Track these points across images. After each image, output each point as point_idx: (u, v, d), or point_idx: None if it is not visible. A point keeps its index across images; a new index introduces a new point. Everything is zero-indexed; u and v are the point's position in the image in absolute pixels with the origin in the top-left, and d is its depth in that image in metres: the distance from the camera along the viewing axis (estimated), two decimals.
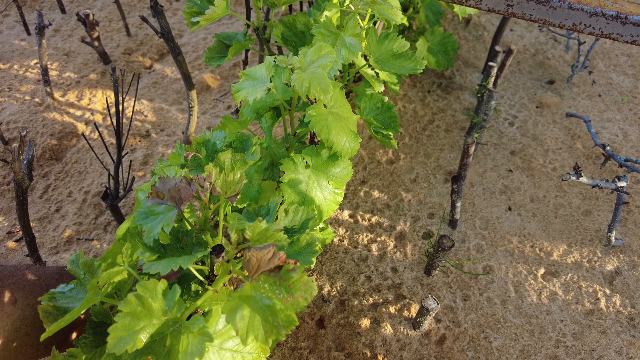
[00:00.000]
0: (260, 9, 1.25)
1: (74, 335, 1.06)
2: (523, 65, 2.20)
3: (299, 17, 1.31)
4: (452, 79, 2.10)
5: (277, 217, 0.96)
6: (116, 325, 0.70)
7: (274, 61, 1.04)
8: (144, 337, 0.71)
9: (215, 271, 0.83)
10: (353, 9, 1.17)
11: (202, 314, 0.87)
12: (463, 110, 1.96)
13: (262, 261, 0.74)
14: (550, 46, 2.28)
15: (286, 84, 1.11)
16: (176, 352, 0.73)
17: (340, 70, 1.42)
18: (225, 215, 0.83)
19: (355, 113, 1.25)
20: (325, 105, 1.09)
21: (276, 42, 1.27)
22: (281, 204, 1.05)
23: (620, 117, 1.95)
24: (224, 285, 0.85)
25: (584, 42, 2.09)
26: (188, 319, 0.77)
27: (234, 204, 0.98)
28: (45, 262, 1.46)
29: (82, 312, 0.97)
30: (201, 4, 1.27)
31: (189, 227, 0.87)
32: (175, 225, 0.85)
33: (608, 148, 1.65)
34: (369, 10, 1.16)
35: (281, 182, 1.08)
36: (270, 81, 1.04)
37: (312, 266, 1.26)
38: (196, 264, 1.06)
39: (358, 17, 1.31)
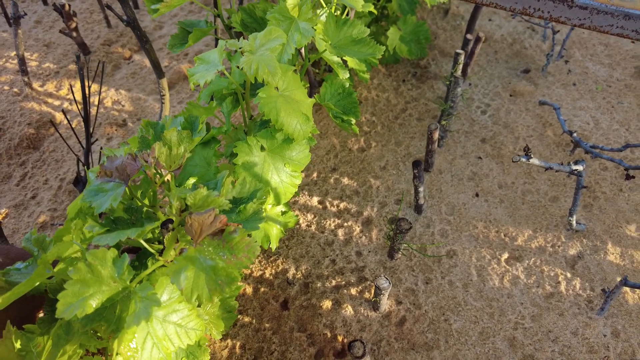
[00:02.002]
0: None
1: (41, 314, 1.09)
2: (500, 54, 2.21)
3: (259, 4, 1.33)
4: (427, 68, 2.11)
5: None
6: (65, 292, 0.73)
7: (226, 45, 1.06)
8: (93, 303, 0.74)
9: (165, 242, 0.85)
10: None
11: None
12: (436, 99, 1.98)
13: (204, 225, 0.78)
14: (528, 36, 2.29)
15: (238, 67, 1.13)
16: (125, 317, 0.76)
17: (300, 55, 1.44)
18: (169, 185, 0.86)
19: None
20: (277, 89, 1.11)
21: (235, 28, 1.29)
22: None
23: (593, 106, 1.96)
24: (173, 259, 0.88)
25: (558, 31, 2.10)
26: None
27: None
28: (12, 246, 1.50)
29: (40, 288, 1.00)
30: None
31: (139, 204, 0.90)
32: (125, 202, 0.88)
33: (575, 134, 1.66)
34: None
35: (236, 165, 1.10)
36: (230, 66, 1.06)
37: (274, 248, 1.29)
38: (152, 242, 1.09)
39: (323, 3, 1.33)
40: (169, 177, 0.87)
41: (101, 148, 1.68)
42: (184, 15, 2.42)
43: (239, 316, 1.37)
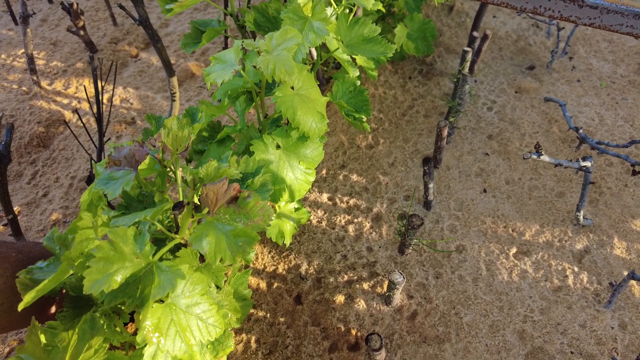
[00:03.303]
0: None
1: (53, 309, 1.11)
2: (505, 51, 2.23)
3: (272, 4, 1.34)
4: (433, 65, 2.13)
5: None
6: (91, 270, 0.75)
7: (242, 45, 1.08)
8: (118, 279, 0.76)
9: (179, 223, 0.88)
10: None
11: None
12: (442, 96, 2.00)
13: (219, 194, 0.81)
14: (532, 32, 2.30)
15: (254, 67, 1.15)
16: (149, 292, 0.78)
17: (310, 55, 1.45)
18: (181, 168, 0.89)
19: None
20: (293, 88, 1.12)
21: (248, 27, 1.30)
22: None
23: (598, 102, 1.99)
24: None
25: (563, 27, 2.12)
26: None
27: None
28: None
29: (59, 285, 1.02)
30: None
31: (150, 189, 0.92)
32: (137, 190, 0.91)
33: (581, 131, 1.68)
34: None
35: None
36: (242, 64, 1.08)
37: (288, 244, 1.31)
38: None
39: (334, 3, 1.34)
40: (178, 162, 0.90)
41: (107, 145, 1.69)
42: (189, 13, 2.43)
43: (253, 310, 1.39)
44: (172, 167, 0.88)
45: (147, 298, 0.78)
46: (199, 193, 0.84)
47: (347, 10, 1.43)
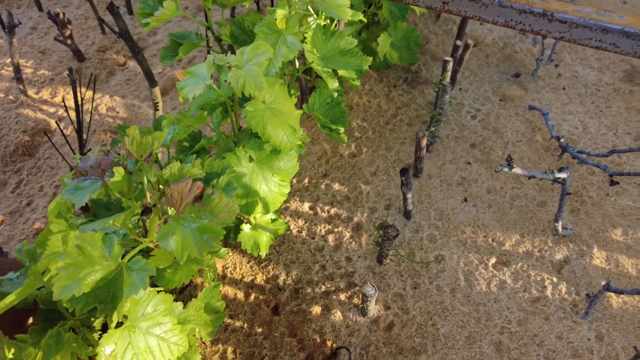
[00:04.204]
0: (209, 9, 1.29)
1: (30, 320, 1.12)
2: (491, 58, 2.23)
3: (248, 17, 1.35)
4: (418, 73, 2.13)
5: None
6: (59, 276, 0.76)
7: (214, 60, 1.09)
8: (89, 283, 0.77)
9: (147, 227, 0.89)
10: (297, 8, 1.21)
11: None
12: (426, 105, 2.00)
13: (184, 192, 0.83)
14: (519, 40, 2.31)
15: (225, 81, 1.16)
16: (120, 294, 0.79)
17: (289, 65, 1.46)
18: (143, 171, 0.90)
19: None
20: (265, 102, 1.13)
21: (224, 40, 1.31)
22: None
23: (582, 110, 1.99)
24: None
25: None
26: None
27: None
28: (7, 254, 1.52)
29: (30, 297, 1.03)
30: (153, 5, 1.31)
31: (117, 197, 0.94)
32: (104, 199, 0.92)
33: (562, 140, 1.69)
34: (310, 9, 1.20)
35: None
36: (219, 77, 1.09)
37: (263, 255, 1.32)
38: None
39: (314, 15, 1.35)
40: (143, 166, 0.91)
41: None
42: (177, 21, 2.44)
43: (229, 320, 1.40)
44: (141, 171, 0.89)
45: (119, 301, 0.79)
46: (165, 193, 0.85)
47: (329, 22, 1.44)
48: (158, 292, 0.91)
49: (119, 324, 0.85)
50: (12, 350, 0.97)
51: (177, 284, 1.09)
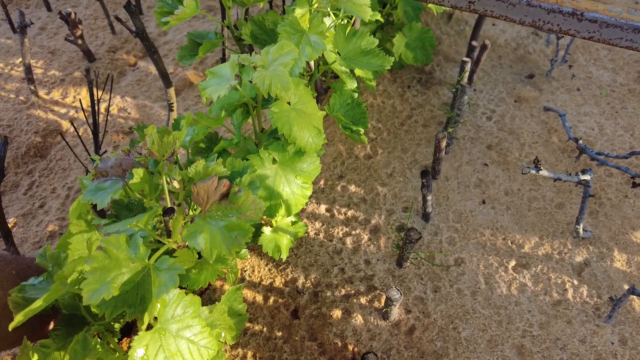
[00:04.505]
0: (229, 8, 1.28)
1: (51, 326, 1.10)
2: (504, 59, 2.22)
3: (269, 16, 1.33)
4: (432, 74, 2.12)
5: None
6: (88, 281, 0.74)
7: (238, 59, 1.07)
8: (117, 285, 0.75)
9: (170, 227, 0.87)
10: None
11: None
12: (441, 105, 1.99)
13: (209, 191, 0.82)
14: (532, 40, 2.30)
15: (250, 81, 1.14)
16: (149, 296, 0.77)
17: (308, 68, 1.45)
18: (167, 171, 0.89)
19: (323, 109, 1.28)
20: (289, 102, 1.12)
21: (244, 40, 1.29)
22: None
23: (598, 111, 1.97)
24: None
25: (562, 36, 2.11)
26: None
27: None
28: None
29: (51, 303, 1.01)
30: (172, 3, 1.29)
31: (139, 197, 0.92)
32: (125, 199, 0.90)
33: (580, 142, 1.67)
34: (331, 8, 1.18)
35: None
36: (240, 78, 1.07)
37: (284, 258, 1.30)
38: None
39: (332, 14, 1.34)
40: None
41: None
42: (187, 22, 2.42)
43: (249, 324, 1.38)
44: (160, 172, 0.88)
45: (148, 302, 0.77)
46: (189, 192, 0.84)
47: (345, 21, 1.42)
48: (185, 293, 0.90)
49: (149, 327, 0.83)
50: (36, 357, 0.95)
51: (203, 284, 1.07)
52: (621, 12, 1.05)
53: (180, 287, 1.13)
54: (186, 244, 0.89)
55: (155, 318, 0.85)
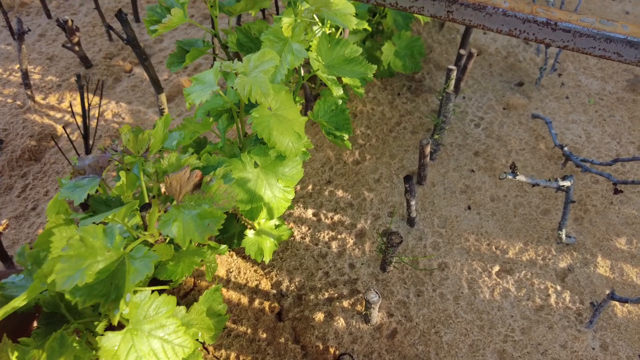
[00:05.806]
0: (216, 17, 1.31)
1: (35, 324, 1.12)
2: (494, 67, 2.24)
3: (255, 25, 1.37)
4: (422, 81, 2.15)
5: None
6: (62, 266, 0.76)
7: (221, 66, 1.10)
8: (92, 273, 0.77)
9: (147, 221, 0.89)
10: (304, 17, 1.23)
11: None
12: (430, 113, 2.01)
13: (182, 181, 0.85)
14: (522, 49, 2.32)
15: (232, 87, 1.17)
16: (123, 285, 0.78)
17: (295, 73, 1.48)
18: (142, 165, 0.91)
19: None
20: (270, 108, 1.14)
21: (230, 48, 1.33)
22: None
23: (585, 119, 1.99)
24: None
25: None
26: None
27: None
28: (12, 258, 1.53)
29: (32, 301, 1.03)
30: (161, 12, 1.33)
31: (115, 194, 0.95)
32: (103, 196, 0.93)
33: (566, 149, 1.69)
34: (315, 17, 1.21)
35: None
36: (222, 85, 1.10)
37: (267, 261, 1.32)
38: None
39: (320, 24, 1.37)
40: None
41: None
42: (183, 29, 2.47)
43: (233, 326, 1.40)
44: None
45: (122, 292, 0.79)
46: (163, 183, 0.87)
47: (334, 30, 1.45)
48: (160, 293, 0.92)
49: (121, 327, 0.85)
50: (16, 354, 0.97)
51: (179, 276, 1.08)
52: (594, 22, 1.08)
53: (159, 281, 1.15)
54: (163, 237, 0.92)
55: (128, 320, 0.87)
